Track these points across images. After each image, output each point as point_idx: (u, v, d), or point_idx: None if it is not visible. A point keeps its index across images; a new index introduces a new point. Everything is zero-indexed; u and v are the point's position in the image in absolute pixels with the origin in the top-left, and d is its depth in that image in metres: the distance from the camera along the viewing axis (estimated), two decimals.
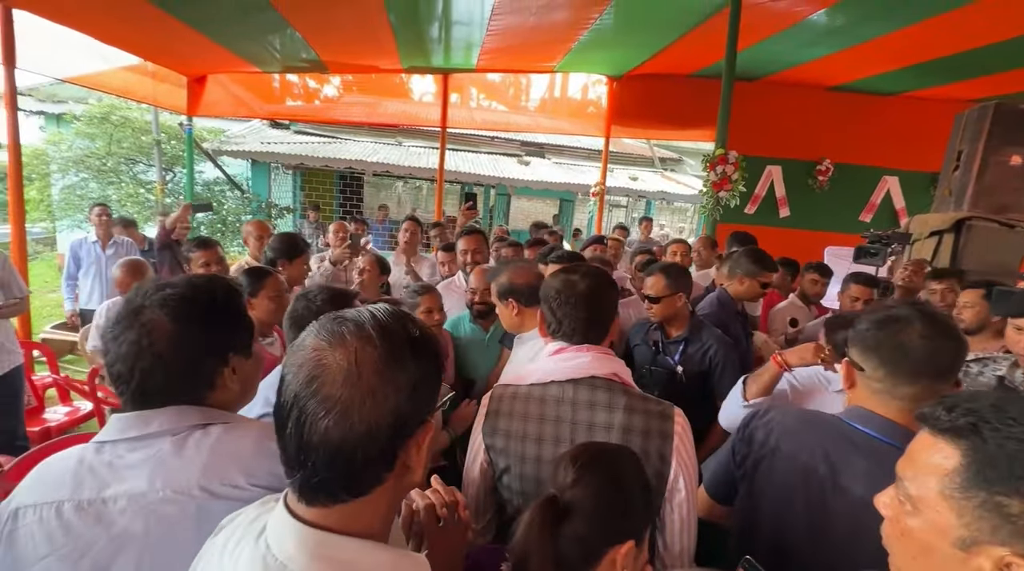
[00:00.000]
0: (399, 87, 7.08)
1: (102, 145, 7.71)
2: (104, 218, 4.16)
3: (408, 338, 0.58)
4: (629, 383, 1.08)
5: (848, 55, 4.97)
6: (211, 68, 5.99)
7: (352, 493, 0.56)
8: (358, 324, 0.57)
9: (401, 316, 0.61)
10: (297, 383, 0.54)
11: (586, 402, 1.03)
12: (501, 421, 1.07)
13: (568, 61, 5.87)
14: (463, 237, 2.95)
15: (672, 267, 2.26)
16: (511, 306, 1.70)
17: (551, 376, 1.06)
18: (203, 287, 0.86)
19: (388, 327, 0.58)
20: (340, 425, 0.53)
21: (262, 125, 9.75)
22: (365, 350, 0.55)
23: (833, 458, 1.00)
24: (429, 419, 0.60)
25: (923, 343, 0.95)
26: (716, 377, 2.22)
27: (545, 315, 1.14)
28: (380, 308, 0.61)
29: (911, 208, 6.44)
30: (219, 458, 0.78)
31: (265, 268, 2.07)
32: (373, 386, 0.54)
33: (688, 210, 13.67)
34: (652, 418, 1.01)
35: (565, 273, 1.14)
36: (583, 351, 1.07)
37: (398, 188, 12.59)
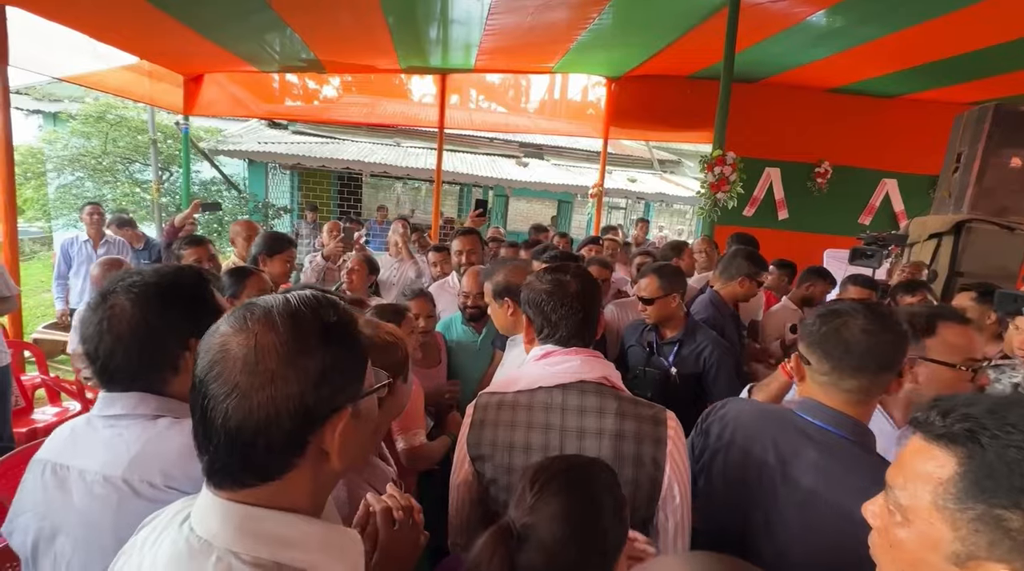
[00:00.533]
0: (398, 88, 7.07)
1: (98, 144, 7.68)
2: (96, 217, 4.12)
3: (320, 324, 0.58)
4: (619, 387, 1.05)
5: (847, 57, 4.95)
6: (208, 67, 5.95)
7: (259, 477, 0.57)
8: (266, 310, 0.57)
9: (319, 302, 0.60)
10: (202, 368, 0.55)
11: (575, 408, 0.99)
12: (486, 431, 1.03)
13: (566, 62, 5.85)
14: (458, 237, 2.91)
15: (666, 268, 2.23)
16: (507, 306, 1.66)
17: (538, 382, 1.02)
18: (168, 275, 0.89)
19: (297, 313, 0.57)
20: (239, 410, 0.53)
21: (259, 125, 9.71)
22: (267, 336, 0.55)
23: (783, 449, 1.03)
24: (346, 407, 0.59)
25: (864, 337, 0.99)
26: (710, 379, 2.19)
27: (534, 319, 1.10)
28: (299, 294, 0.61)
29: (910, 211, 6.42)
30: (147, 453, 0.80)
31: (247, 267, 2.03)
32: (273, 372, 0.54)
33: (687, 212, 13.65)
34: (644, 423, 0.98)
35: (551, 274, 1.10)
36: (571, 354, 1.03)
37: (397, 189, 12.56)
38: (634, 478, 0.95)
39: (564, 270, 1.10)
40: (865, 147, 6.31)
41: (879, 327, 0.99)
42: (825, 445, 0.99)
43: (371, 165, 8.60)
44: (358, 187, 10.21)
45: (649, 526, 0.99)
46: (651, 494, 0.96)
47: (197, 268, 0.95)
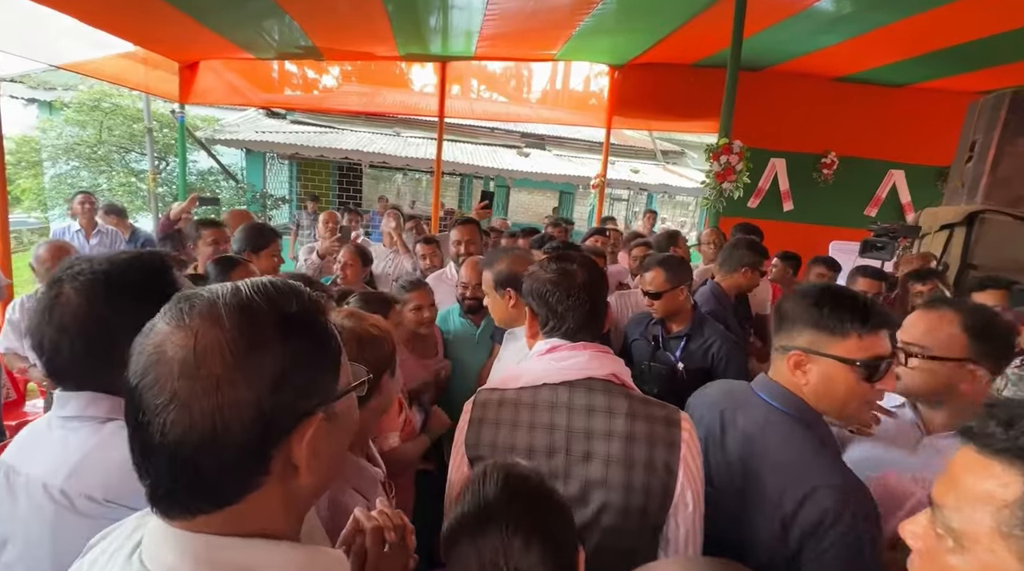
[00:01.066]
0: (398, 77, 6.96)
1: (93, 133, 7.57)
2: (88, 207, 4.04)
3: (277, 316, 0.50)
4: (629, 384, 0.98)
5: (856, 44, 4.84)
6: (203, 54, 5.84)
7: (212, 502, 0.48)
8: (209, 302, 0.49)
9: (276, 289, 0.52)
10: (134, 373, 0.48)
11: (583, 407, 0.92)
12: (486, 430, 0.96)
13: (569, 49, 5.73)
14: (457, 226, 2.83)
15: (671, 259, 2.16)
16: (508, 297, 1.60)
17: (543, 378, 0.95)
18: (123, 261, 0.80)
19: (248, 304, 0.49)
20: (178, 424, 0.45)
21: (257, 114, 9.59)
22: (209, 333, 0.47)
23: (726, 417, 1.10)
24: (317, 411, 0.51)
25: (789, 307, 1.06)
26: (719, 374, 2.12)
27: (538, 311, 1.03)
28: (252, 281, 0.52)
29: (917, 202, 6.32)
30: (89, 462, 0.72)
31: (234, 257, 1.96)
32: (218, 377, 0.46)
33: (690, 204, 13.54)
34: (657, 424, 0.91)
35: (556, 263, 1.03)
36: (579, 349, 0.96)
37: (397, 180, 12.45)
38: (645, 484, 0.88)
39: (570, 259, 1.03)
40: (872, 137, 6.20)
41: (803, 293, 1.05)
42: (761, 416, 1.04)
43: (371, 155, 8.49)
44: (358, 178, 10.10)
45: (659, 534, 0.92)
46: (663, 502, 0.89)
47: (160, 253, 0.86)
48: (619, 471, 0.88)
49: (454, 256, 2.81)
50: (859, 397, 1.00)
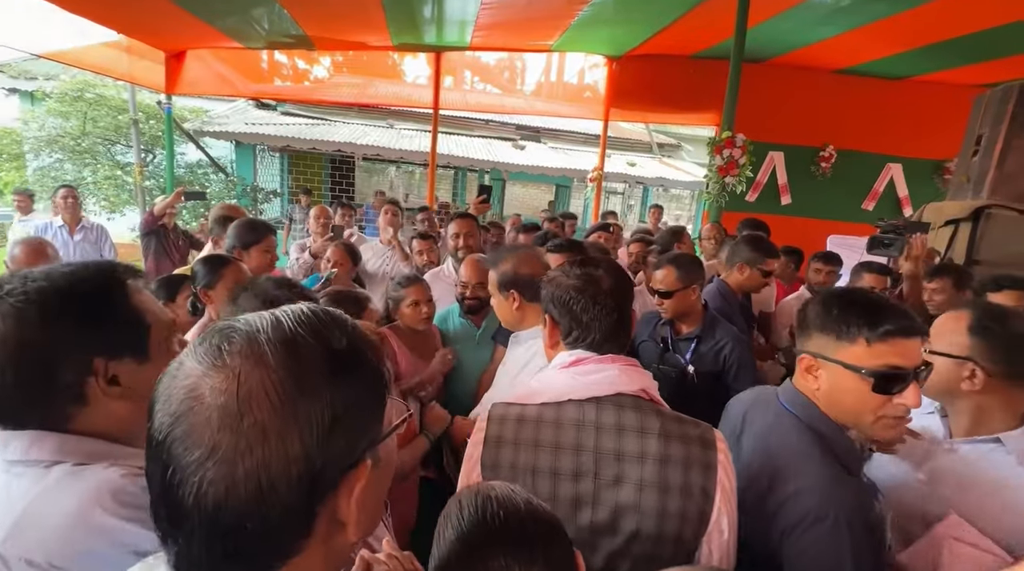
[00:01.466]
0: (391, 68, 6.83)
1: (76, 124, 7.34)
2: (71, 201, 3.90)
3: (327, 352, 0.44)
4: (658, 400, 0.90)
5: (857, 36, 4.78)
6: (190, 43, 5.66)
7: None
8: (249, 337, 0.43)
9: (321, 319, 0.46)
10: (161, 423, 0.41)
11: (612, 426, 0.84)
12: (505, 451, 0.88)
13: (566, 39, 5.62)
14: (454, 220, 2.72)
15: (683, 257, 2.08)
16: (512, 299, 1.51)
17: (567, 394, 0.87)
18: (61, 278, 0.69)
19: (295, 339, 0.43)
20: (218, 484, 0.39)
21: (247, 105, 9.37)
22: (254, 375, 0.41)
23: (746, 419, 1.12)
24: (365, 459, 0.45)
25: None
26: (731, 378, 2.06)
27: (559, 320, 0.95)
28: (293, 310, 0.46)
29: (914, 196, 6.32)
30: (29, 518, 0.62)
31: (223, 255, 1.86)
32: (265, 427, 0.40)
33: (684, 197, 13.49)
34: (692, 445, 0.84)
35: (581, 268, 0.95)
36: (607, 362, 0.88)
37: (391, 173, 12.28)
38: (681, 510, 0.81)
39: (595, 263, 0.95)
40: (870, 131, 6.18)
41: (822, 297, 1.02)
42: (771, 416, 1.05)
43: (364, 147, 8.33)
44: (350, 171, 9.93)
45: (693, 561, 0.86)
46: (698, 528, 0.82)
47: (109, 264, 0.76)
48: (653, 496, 0.81)
49: (452, 250, 2.72)
50: (872, 409, 0.94)
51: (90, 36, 4.93)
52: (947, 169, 6.29)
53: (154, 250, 3.90)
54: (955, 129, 5.89)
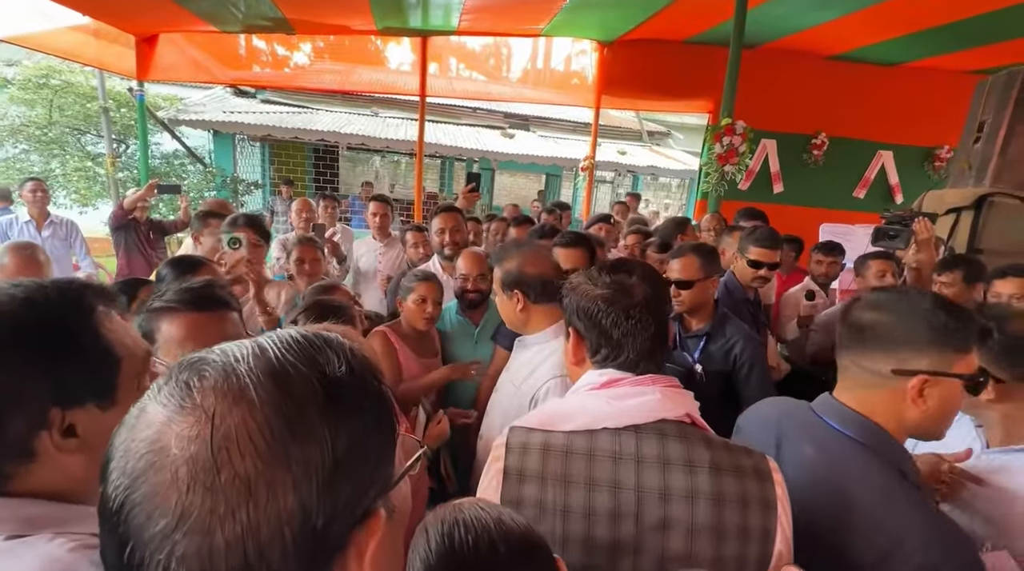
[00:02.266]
0: (374, 55, 6.60)
1: (42, 113, 6.97)
2: (39, 194, 3.66)
3: (322, 383, 0.36)
4: (703, 424, 0.79)
5: (852, 21, 4.70)
6: (160, 26, 5.37)
7: None
8: (226, 368, 0.34)
9: (314, 344, 0.38)
10: (117, 484, 0.33)
11: (655, 459, 0.73)
12: (529, 487, 0.75)
13: (557, 24, 5.45)
14: (439, 214, 2.58)
15: (704, 247, 1.99)
16: (516, 300, 1.40)
17: (600, 421, 0.75)
18: (12, 303, 0.56)
19: (281, 370, 0.35)
20: (192, 560, 0.30)
21: (225, 92, 9.02)
22: (232, 415, 0.32)
23: (785, 444, 0.96)
24: (377, 508, 0.37)
25: (874, 315, 0.90)
26: (741, 379, 1.98)
27: (586, 334, 0.83)
28: (280, 335, 0.38)
29: (905, 184, 6.32)
30: None
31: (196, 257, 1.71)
32: (250, 480, 0.31)
33: (672, 186, 13.44)
34: (747, 479, 0.73)
35: (610, 274, 0.83)
36: (646, 384, 0.77)
37: (376, 162, 12.01)
38: (739, 556, 0.70)
39: (627, 268, 0.83)
40: (862, 118, 6.14)
41: (894, 303, 0.88)
42: (827, 446, 0.89)
43: (348, 136, 8.08)
44: (335, 160, 9.66)
45: None
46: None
47: (76, 288, 0.61)
48: (708, 543, 0.70)
49: (437, 247, 2.59)
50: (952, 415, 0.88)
51: (55, 19, 4.65)
52: (937, 156, 6.30)
53: (125, 246, 3.70)
54: (946, 116, 5.90)
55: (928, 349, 0.83)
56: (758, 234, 2.35)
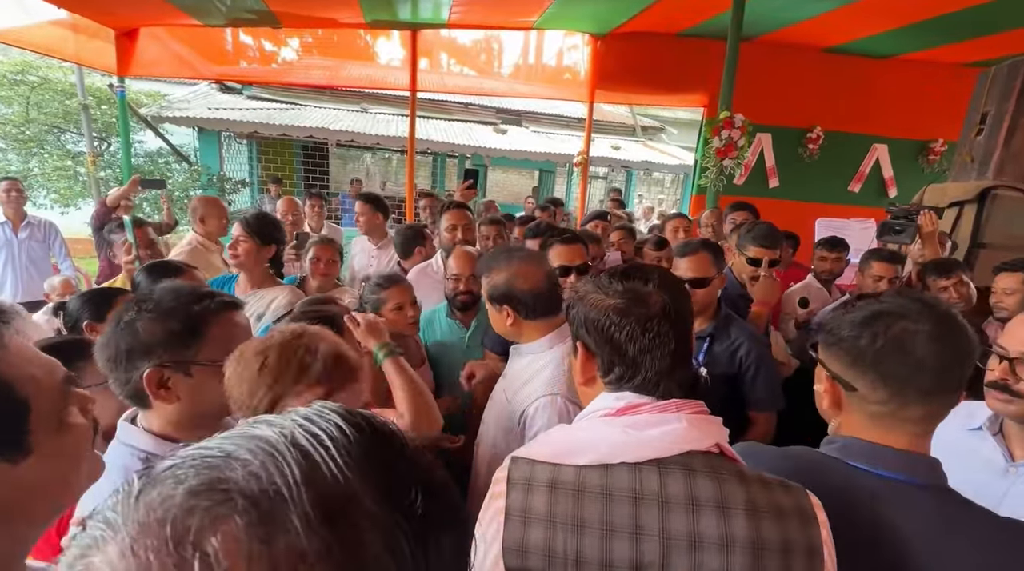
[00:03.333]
0: (363, 50, 6.44)
1: (19, 110, 6.75)
2: (15, 194, 3.51)
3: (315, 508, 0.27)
4: (734, 455, 0.70)
5: (849, 12, 4.63)
6: (140, 20, 5.19)
7: None
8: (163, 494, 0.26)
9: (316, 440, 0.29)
10: None
11: (683, 499, 0.63)
12: (535, 531, 0.65)
13: (549, 16, 5.34)
14: (449, 211, 2.48)
15: (712, 243, 1.91)
16: (506, 314, 1.30)
17: (619, 454, 0.65)
18: None
19: (260, 496, 0.26)
20: None
21: (210, 88, 8.79)
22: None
23: (847, 521, 0.71)
24: None
25: (937, 347, 0.72)
26: (747, 382, 1.89)
27: (596, 351, 0.73)
28: (253, 435, 0.29)
29: (900, 177, 6.29)
30: None
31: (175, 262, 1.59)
32: None
33: (665, 181, 13.37)
34: (789, 521, 0.63)
35: (623, 282, 0.73)
36: (670, 411, 0.67)
37: (366, 159, 11.84)
38: None
39: (642, 275, 0.73)
40: (857, 111, 6.10)
41: (949, 331, 0.72)
42: (904, 503, 0.71)
43: (337, 133, 7.91)
44: (324, 158, 9.48)
45: None
46: None
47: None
48: None
49: (447, 244, 2.47)
50: None
51: (32, 13, 4.48)
52: (932, 149, 6.28)
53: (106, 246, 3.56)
54: (941, 109, 5.86)
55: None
56: (756, 231, 2.27)
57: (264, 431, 0.30)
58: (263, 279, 2.08)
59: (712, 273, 1.79)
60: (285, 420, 0.31)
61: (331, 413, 0.32)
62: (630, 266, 0.77)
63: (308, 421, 0.31)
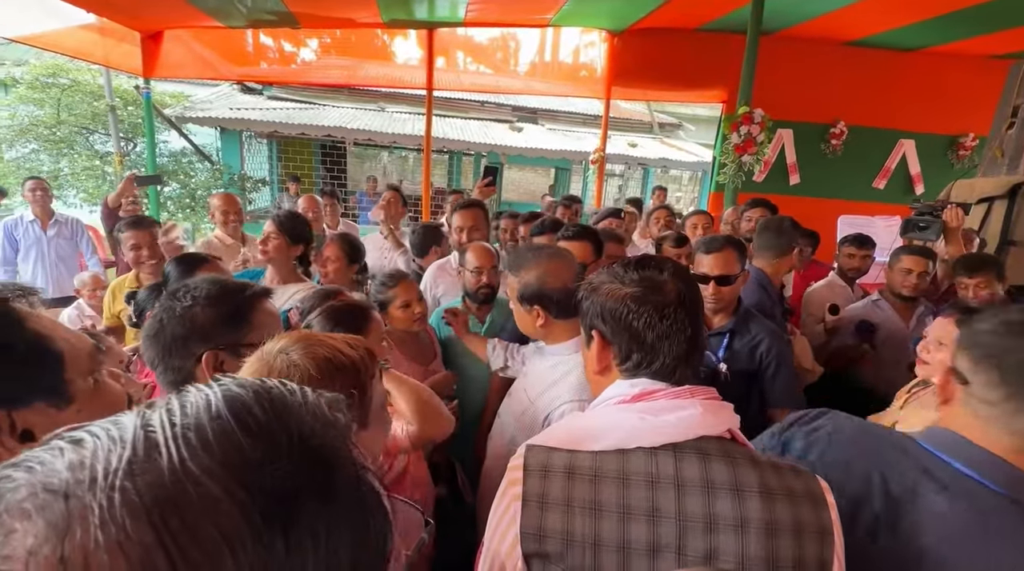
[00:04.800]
0: (380, 49, 6.52)
1: (50, 112, 6.97)
2: (40, 194, 3.63)
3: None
4: (745, 441, 0.70)
5: (873, 4, 4.52)
6: (165, 23, 5.33)
7: None
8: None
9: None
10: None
11: (698, 482, 0.64)
12: (553, 515, 0.67)
13: (566, 13, 5.32)
14: (459, 211, 2.49)
15: (737, 240, 1.90)
16: (536, 315, 1.30)
17: (635, 439, 0.66)
18: None
19: (66, 489, 0.25)
20: None
21: (231, 89, 8.98)
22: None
23: (896, 492, 0.76)
24: None
25: None
26: (767, 378, 1.88)
27: (612, 340, 0.74)
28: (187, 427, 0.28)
29: (927, 174, 6.12)
30: None
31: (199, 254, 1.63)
32: None
33: (684, 178, 13.23)
34: (801, 504, 0.63)
35: (638, 271, 0.74)
36: (684, 397, 0.68)
37: (383, 158, 11.95)
38: None
39: (657, 265, 0.74)
40: (883, 105, 5.95)
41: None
42: (962, 495, 0.71)
43: (355, 132, 8.01)
44: (342, 156, 9.61)
45: None
46: None
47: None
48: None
49: (457, 245, 2.49)
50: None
51: (63, 18, 4.64)
52: (961, 144, 6.09)
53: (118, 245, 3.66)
54: (971, 102, 5.68)
55: None
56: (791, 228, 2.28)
57: (126, 417, 0.28)
58: (289, 275, 2.15)
59: (737, 270, 1.78)
60: (169, 397, 0.30)
61: (215, 387, 0.30)
62: (643, 257, 0.77)
63: (181, 399, 0.29)
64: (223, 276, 1.06)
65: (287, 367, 0.74)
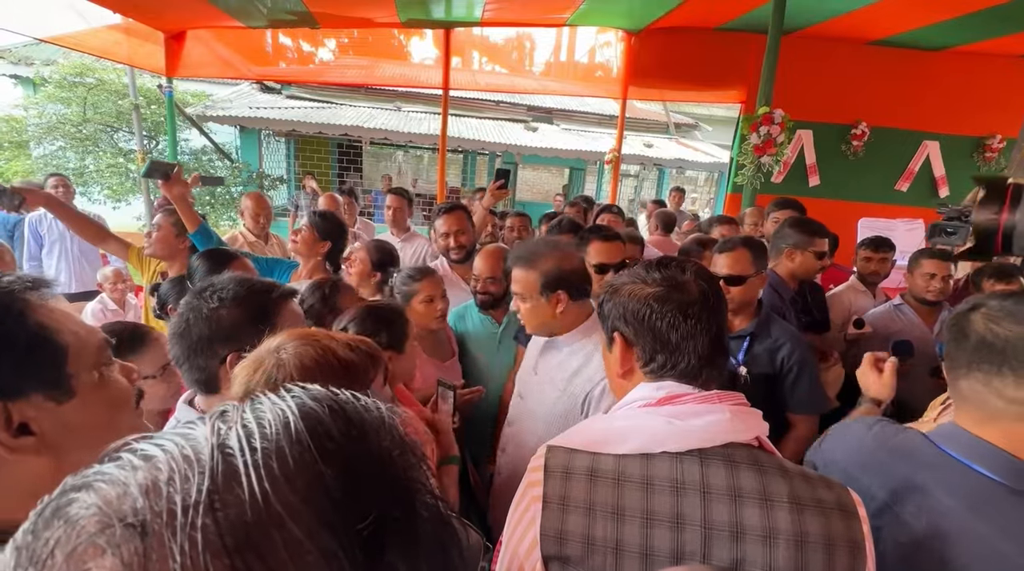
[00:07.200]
0: (397, 49, 6.58)
1: (77, 110, 7.13)
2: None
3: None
4: (773, 450, 0.68)
5: (899, 2, 4.43)
6: (188, 23, 5.42)
7: None
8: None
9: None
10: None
11: (724, 490, 0.63)
12: (574, 518, 0.66)
13: (583, 13, 5.30)
14: (442, 216, 2.42)
15: (754, 240, 1.87)
16: (557, 300, 1.31)
17: (660, 443, 0.65)
18: None
19: (142, 523, 0.23)
20: None
21: (251, 89, 9.11)
22: None
23: (912, 492, 0.76)
24: None
25: None
26: (788, 383, 1.85)
27: (635, 341, 0.73)
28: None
29: (952, 176, 5.97)
30: None
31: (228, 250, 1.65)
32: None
33: (700, 179, 13.09)
34: (832, 516, 0.62)
35: (660, 271, 0.73)
36: (713, 401, 0.66)
37: (398, 157, 12.02)
38: None
39: (679, 264, 0.72)
40: (906, 106, 5.82)
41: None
42: (967, 490, 0.72)
43: (371, 131, 8.07)
44: (358, 155, 9.69)
45: None
46: None
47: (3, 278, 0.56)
48: None
49: (442, 250, 2.45)
50: None
51: (89, 19, 4.75)
52: (988, 146, 5.93)
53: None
54: (998, 103, 5.53)
55: None
56: (817, 227, 2.26)
57: (198, 430, 0.26)
58: (315, 270, 2.23)
59: (750, 271, 1.75)
60: (242, 408, 0.28)
61: (288, 400, 0.28)
62: (664, 258, 0.76)
63: (257, 413, 0.27)
64: (250, 275, 1.06)
65: (274, 365, 0.75)
